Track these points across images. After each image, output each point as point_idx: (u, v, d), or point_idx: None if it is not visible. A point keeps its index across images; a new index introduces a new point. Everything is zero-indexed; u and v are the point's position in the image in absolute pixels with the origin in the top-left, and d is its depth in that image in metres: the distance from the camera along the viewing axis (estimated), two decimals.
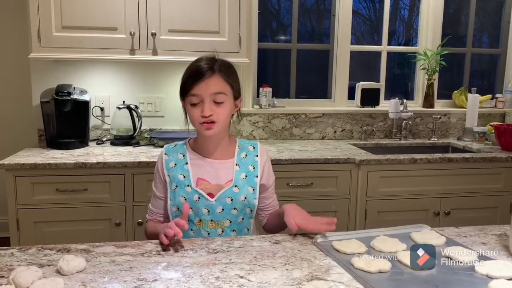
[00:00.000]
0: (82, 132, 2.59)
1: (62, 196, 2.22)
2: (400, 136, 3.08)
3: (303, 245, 1.28)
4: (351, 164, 2.46)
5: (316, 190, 2.45)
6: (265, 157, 1.55)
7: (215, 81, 1.38)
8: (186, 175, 1.46)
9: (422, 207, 2.55)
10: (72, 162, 2.21)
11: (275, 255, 1.20)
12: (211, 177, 1.46)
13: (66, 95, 2.49)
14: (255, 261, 1.16)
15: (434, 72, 3.17)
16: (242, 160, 1.51)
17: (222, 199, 1.44)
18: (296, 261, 1.17)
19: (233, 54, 2.55)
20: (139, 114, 2.68)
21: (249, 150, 1.54)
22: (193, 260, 1.16)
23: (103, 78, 2.79)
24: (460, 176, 2.57)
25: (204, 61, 1.41)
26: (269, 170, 1.56)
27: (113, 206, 2.27)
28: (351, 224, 2.50)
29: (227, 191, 1.45)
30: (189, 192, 1.44)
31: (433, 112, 3.16)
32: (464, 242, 1.30)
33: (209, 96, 1.37)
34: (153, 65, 2.71)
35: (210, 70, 1.38)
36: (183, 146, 1.53)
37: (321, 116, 3.04)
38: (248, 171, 1.49)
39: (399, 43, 3.40)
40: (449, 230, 1.41)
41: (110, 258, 1.16)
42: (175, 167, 1.48)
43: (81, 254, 1.18)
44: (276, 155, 2.46)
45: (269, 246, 1.27)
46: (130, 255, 1.18)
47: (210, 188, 1.45)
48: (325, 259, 1.18)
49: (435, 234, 1.33)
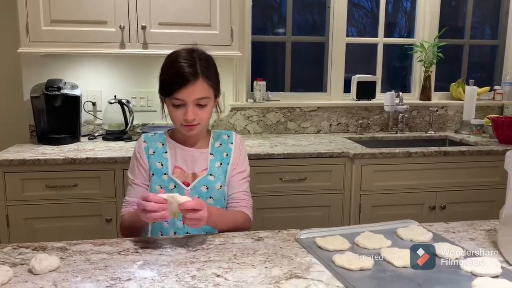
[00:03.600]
0: (73, 127, 2.57)
1: (52, 192, 2.20)
2: (396, 130, 3.04)
3: (286, 242, 1.25)
4: (345, 158, 2.43)
5: (310, 185, 2.41)
6: (241, 146, 1.53)
7: (199, 86, 1.36)
8: (164, 163, 1.45)
9: (417, 201, 2.51)
10: (61, 157, 2.19)
11: (256, 253, 1.17)
12: (187, 166, 1.46)
13: (56, 90, 2.46)
14: (235, 258, 1.14)
15: (431, 64, 3.13)
16: (216, 149, 1.50)
17: (197, 188, 1.43)
18: (276, 258, 1.14)
19: (225, 47, 2.52)
20: (130, 109, 2.65)
21: (224, 139, 1.53)
22: (170, 258, 1.13)
23: (94, 73, 2.76)
24: (456, 170, 2.53)
25: (184, 60, 1.37)
26: (244, 161, 1.52)
27: (104, 202, 2.24)
28: (345, 219, 2.47)
29: (202, 179, 1.44)
30: (165, 180, 1.43)
31: (430, 104, 3.11)
32: (452, 238, 1.27)
33: (193, 101, 1.37)
34: (144, 59, 2.67)
35: (194, 75, 1.35)
36: (163, 135, 1.52)
37: (316, 110, 3.01)
38: (223, 158, 1.49)
39: (401, 35, 3.34)
40: (438, 225, 1.38)
41: (85, 257, 1.13)
42: (153, 155, 1.47)
43: (57, 252, 1.16)
44: (269, 150, 2.43)
45: (251, 243, 1.24)
46: (106, 253, 1.16)
47: (186, 176, 1.45)
48: (307, 256, 1.15)
49: (422, 230, 1.30)
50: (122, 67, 2.77)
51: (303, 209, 2.43)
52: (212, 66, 1.43)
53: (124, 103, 2.65)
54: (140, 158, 1.47)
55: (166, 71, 1.40)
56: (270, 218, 2.37)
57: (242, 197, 1.49)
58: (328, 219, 2.45)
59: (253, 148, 2.47)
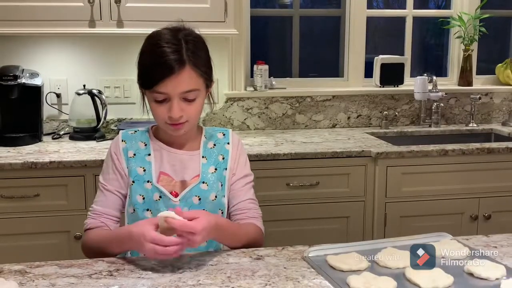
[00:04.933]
0: (33, 124, 2.59)
1: (8, 204, 2.22)
2: (430, 122, 3.05)
3: (291, 261, 1.27)
4: (366, 158, 2.45)
5: (323, 191, 2.44)
6: (239, 147, 1.55)
7: (185, 76, 1.36)
8: (147, 169, 1.46)
9: (456, 210, 2.53)
10: (19, 161, 2.21)
11: (255, 274, 1.20)
12: (175, 172, 1.47)
13: (12, 79, 2.48)
14: (229, 282, 1.16)
15: (472, 41, 3.14)
16: (209, 150, 1.51)
17: (187, 199, 1.44)
18: (279, 281, 1.16)
19: (218, 24, 2.55)
20: (103, 101, 2.67)
21: (218, 138, 1.54)
22: (151, 282, 1.16)
23: (58, 58, 2.79)
24: (504, 171, 2.55)
25: (167, 43, 1.36)
26: (245, 164, 1.55)
27: (71, 216, 2.27)
28: (367, 233, 2.49)
29: (194, 188, 1.45)
30: (149, 189, 1.44)
31: (471, 91, 3.12)
32: (493, 254, 1.29)
33: (179, 95, 1.37)
34: (119, 39, 2.70)
35: (179, 62, 1.34)
36: (145, 133, 1.53)
37: (331, 99, 3.03)
38: (218, 162, 1.50)
39: (439, 5, 3.35)
40: (476, 239, 1.40)
41: (49, 281, 1.16)
42: (134, 158, 1.47)
43: (15, 276, 1.19)
44: (273, 149, 2.45)
45: (249, 263, 1.27)
46: (74, 277, 1.18)
47: (174, 185, 1.46)
48: (316, 278, 1.17)
49: (457, 245, 1.32)
50: (91, 50, 2.79)
51: (315, 221, 2.45)
52: (202, 49, 1.43)
53: (96, 94, 2.67)
54: (116, 160, 1.48)
55: (145, 58, 1.40)
56: (274, 232, 2.38)
57: (248, 206, 1.50)
58: (347, 233, 2.48)
59: (254, 147, 2.50)
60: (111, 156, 1.50)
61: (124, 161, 1.47)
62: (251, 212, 1.50)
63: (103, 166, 1.53)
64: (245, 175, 1.54)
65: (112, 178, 1.48)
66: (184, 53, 1.36)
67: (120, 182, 1.48)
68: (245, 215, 1.48)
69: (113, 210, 1.48)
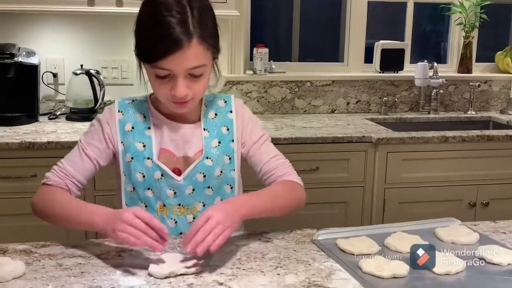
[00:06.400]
0: (30, 104, 2.57)
1: (5, 184, 2.20)
2: (429, 109, 3.06)
3: (300, 244, 1.27)
4: (366, 144, 2.45)
5: (323, 177, 2.44)
6: (244, 113, 1.45)
7: (192, 51, 1.22)
8: (147, 144, 1.36)
9: (455, 196, 2.55)
10: (16, 141, 2.19)
11: (265, 257, 1.19)
12: (176, 148, 1.38)
13: (8, 57, 2.45)
14: (239, 264, 1.16)
15: (472, 28, 3.13)
16: (211, 121, 1.41)
17: (191, 177, 1.36)
18: (290, 263, 1.16)
19: (219, 5, 2.49)
20: (101, 82, 2.65)
21: (220, 107, 1.44)
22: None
23: (55, 37, 2.75)
24: (503, 159, 2.56)
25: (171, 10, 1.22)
26: (254, 128, 1.44)
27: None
28: (366, 218, 2.50)
29: (198, 165, 1.37)
30: (149, 167, 1.35)
31: (470, 78, 3.13)
32: (503, 240, 1.30)
33: (184, 72, 1.25)
34: (118, 19, 2.66)
35: (186, 36, 1.21)
36: (143, 103, 1.41)
37: (330, 84, 3.02)
38: (222, 135, 1.41)
39: None
40: (484, 225, 1.41)
41: (56, 261, 1.15)
42: (132, 132, 1.37)
43: (21, 256, 1.17)
44: (273, 133, 2.44)
45: (258, 245, 1.26)
46: (82, 257, 1.17)
47: (176, 161, 1.37)
48: (327, 261, 1.17)
49: (466, 230, 1.32)
50: (90, 30, 2.76)
51: (314, 206, 2.43)
52: (209, 16, 1.29)
53: (93, 74, 2.64)
54: (108, 130, 1.37)
55: (145, 28, 1.26)
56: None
57: (273, 165, 1.40)
58: (345, 218, 2.48)
59: None
60: (101, 124, 1.38)
61: (119, 134, 1.37)
62: (279, 170, 1.40)
63: (90, 128, 1.41)
64: (259, 137, 1.43)
65: (96, 146, 1.37)
66: (191, 23, 1.22)
67: (102, 153, 1.37)
68: (274, 176, 1.39)
69: (83, 177, 1.37)
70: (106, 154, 1.38)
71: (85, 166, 1.37)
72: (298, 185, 1.43)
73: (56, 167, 1.38)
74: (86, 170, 1.37)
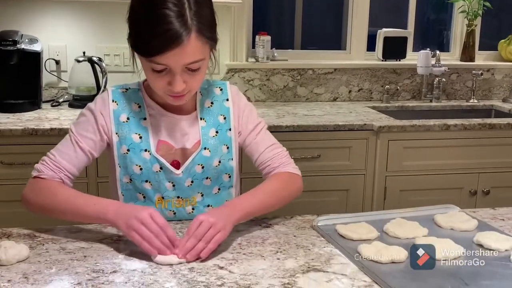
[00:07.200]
0: (32, 91, 2.57)
1: (8, 170, 2.22)
2: (431, 97, 3.06)
3: (300, 229, 1.28)
4: (368, 132, 2.46)
5: (325, 164, 2.45)
6: (240, 101, 1.43)
7: (190, 47, 1.18)
8: (143, 136, 1.34)
9: (455, 184, 2.56)
10: (19, 128, 2.20)
11: (265, 242, 1.21)
12: (174, 139, 1.36)
13: (11, 44, 2.45)
14: (240, 248, 1.17)
15: (475, 16, 3.12)
16: (207, 110, 1.39)
17: (190, 169, 1.35)
18: (290, 248, 1.18)
19: None
20: (103, 69, 2.65)
21: (216, 95, 1.41)
22: None
23: (58, 24, 2.75)
24: (504, 147, 2.57)
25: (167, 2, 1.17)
26: (250, 116, 1.43)
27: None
28: (367, 206, 2.51)
29: (196, 157, 1.35)
30: (147, 160, 1.33)
31: (473, 66, 3.12)
32: (501, 227, 1.31)
33: (181, 67, 1.21)
34: (121, 6, 2.64)
35: (183, 30, 1.16)
36: (138, 92, 1.37)
37: (332, 72, 3.02)
38: (219, 124, 1.39)
39: None
40: (483, 211, 1.42)
41: (59, 245, 1.17)
42: (127, 123, 1.34)
43: (25, 240, 1.19)
44: (275, 121, 2.45)
45: (258, 231, 1.27)
46: (85, 241, 1.19)
47: (174, 153, 1.36)
48: (326, 247, 1.19)
49: (464, 217, 1.33)
50: (93, 17, 2.76)
51: (316, 193, 2.46)
52: (206, 4, 1.24)
53: (96, 61, 2.64)
54: (102, 121, 1.33)
55: (139, 19, 1.21)
56: None
57: (268, 155, 1.39)
58: (346, 205, 2.49)
59: None
60: (94, 115, 1.34)
61: (113, 125, 1.33)
62: (275, 161, 1.39)
63: (81, 118, 1.36)
64: (254, 126, 1.42)
65: (90, 138, 1.33)
66: (188, 16, 1.17)
67: (97, 144, 1.34)
68: (270, 167, 1.38)
69: (77, 169, 1.34)
70: (100, 145, 1.35)
71: (79, 159, 1.33)
72: (293, 175, 1.41)
73: (47, 159, 1.32)
74: (80, 162, 1.33)
